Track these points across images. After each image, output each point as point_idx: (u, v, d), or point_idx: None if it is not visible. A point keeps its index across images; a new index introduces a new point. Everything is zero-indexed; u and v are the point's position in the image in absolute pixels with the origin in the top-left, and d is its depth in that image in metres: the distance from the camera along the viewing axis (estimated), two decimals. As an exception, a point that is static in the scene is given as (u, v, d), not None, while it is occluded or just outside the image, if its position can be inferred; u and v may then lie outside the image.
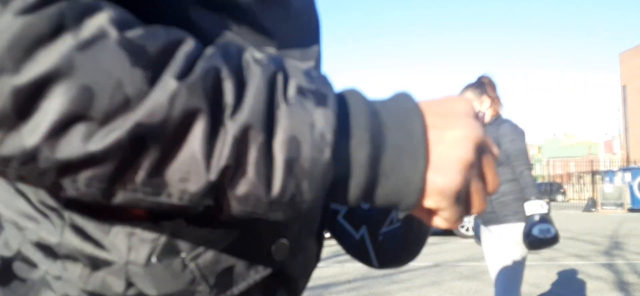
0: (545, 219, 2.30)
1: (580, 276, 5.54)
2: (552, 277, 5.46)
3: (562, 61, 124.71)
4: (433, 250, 8.03)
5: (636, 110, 32.47)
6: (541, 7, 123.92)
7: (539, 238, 2.27)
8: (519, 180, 2.42)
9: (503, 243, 2.48)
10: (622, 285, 5.00)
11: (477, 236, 2.75)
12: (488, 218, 2.55)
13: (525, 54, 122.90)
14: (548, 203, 2.41)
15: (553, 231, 2.30)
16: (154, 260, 0.41)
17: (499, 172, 2.50)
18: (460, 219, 0.40)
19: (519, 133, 2.47)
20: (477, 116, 0.40)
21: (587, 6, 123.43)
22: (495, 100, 2.61)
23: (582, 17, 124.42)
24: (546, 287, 4.96)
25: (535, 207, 2.32)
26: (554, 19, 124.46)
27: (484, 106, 2.59)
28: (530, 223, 2.32)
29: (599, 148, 44.72)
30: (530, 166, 2.43)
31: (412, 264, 7.10)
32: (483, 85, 2.63)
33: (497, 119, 2.57)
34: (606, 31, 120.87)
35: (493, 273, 2.53)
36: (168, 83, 0.31)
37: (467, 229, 9.71)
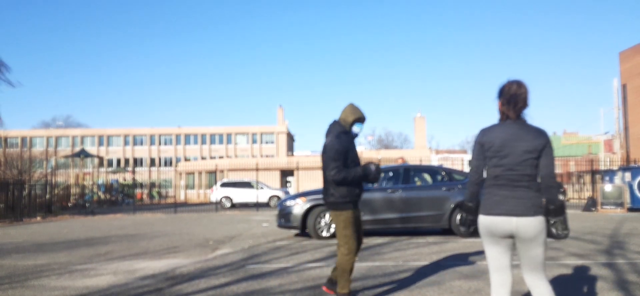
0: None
1: (580, 275, 5.54)
2: (553, 276, 5.45)
3: (561, 60, 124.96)
4: (433, 249, 8.02)
5: (636, 109, 32.47)
6: (540, 6, 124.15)
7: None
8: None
9: None
10: (622, 284, 5.00)
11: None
12: None
13: (525, 53, 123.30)
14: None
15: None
16: None
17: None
18: None
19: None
20: None
21: (587, 5, 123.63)
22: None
23: (582, 16, 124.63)
24: (547, 287, 4.95)
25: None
26: (553, 17, 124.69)
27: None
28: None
29: (599, 148, 44.72)
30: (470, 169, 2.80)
31: (412, 264, 7.09)
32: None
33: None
34: (606, 30, 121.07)
35: None
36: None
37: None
